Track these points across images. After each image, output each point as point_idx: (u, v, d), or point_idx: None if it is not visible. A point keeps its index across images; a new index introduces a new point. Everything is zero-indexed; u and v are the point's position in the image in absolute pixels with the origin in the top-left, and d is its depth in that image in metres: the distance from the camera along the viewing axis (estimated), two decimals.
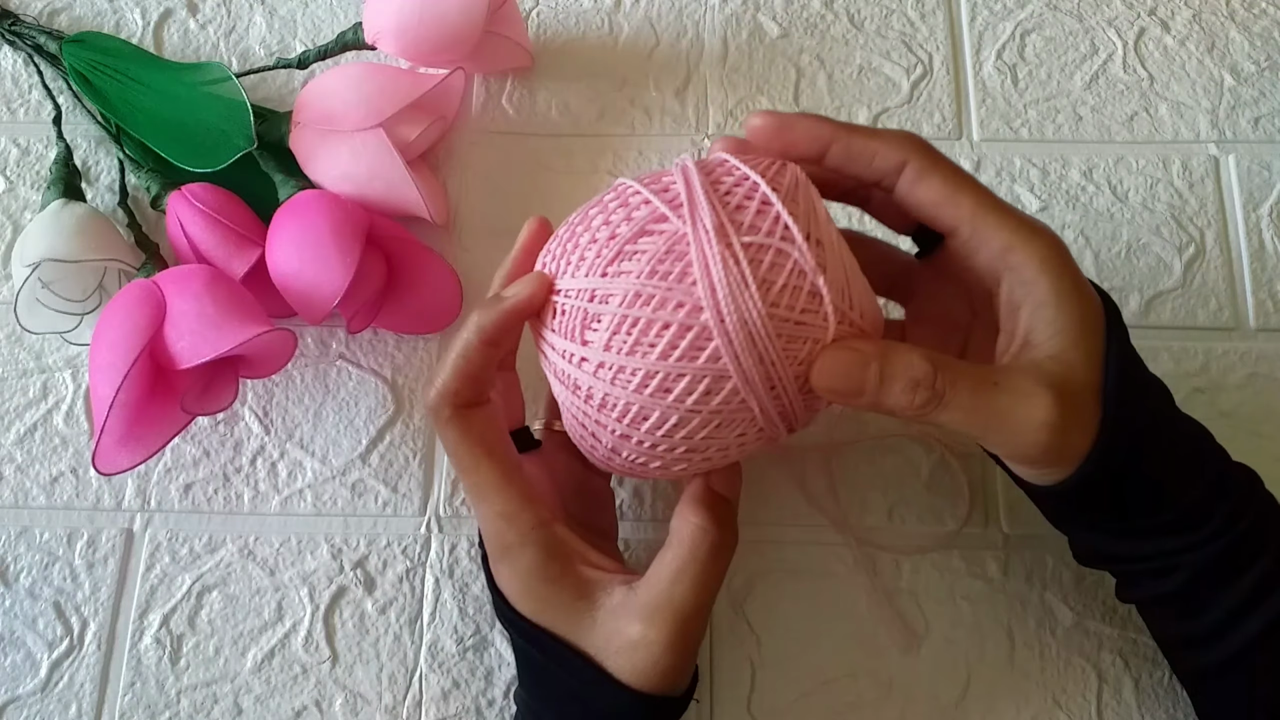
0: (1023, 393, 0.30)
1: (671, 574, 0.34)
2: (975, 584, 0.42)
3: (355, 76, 0.45)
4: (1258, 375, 0.45)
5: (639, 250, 0.31)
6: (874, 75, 0.51)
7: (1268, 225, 0.48)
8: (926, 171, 0.32)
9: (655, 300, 0.30)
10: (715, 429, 0.31)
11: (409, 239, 0.45)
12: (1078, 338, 0.31)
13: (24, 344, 0.46)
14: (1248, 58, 0.51)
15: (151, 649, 0.42)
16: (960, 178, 0.32)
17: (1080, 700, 0.41)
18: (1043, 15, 0.52)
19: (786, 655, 0.42)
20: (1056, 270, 0.31)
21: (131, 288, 0.40)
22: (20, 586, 0.43)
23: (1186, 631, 0.35)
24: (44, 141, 0.50)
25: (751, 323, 0.30)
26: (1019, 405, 0.30)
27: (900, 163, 0.32)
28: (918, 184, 0.32)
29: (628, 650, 0.34)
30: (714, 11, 0.52)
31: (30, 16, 0.51)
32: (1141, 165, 0.49)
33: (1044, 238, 0.32)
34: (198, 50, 0.51)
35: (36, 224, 0.43)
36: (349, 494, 0.44)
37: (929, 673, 0.41)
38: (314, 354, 0.46)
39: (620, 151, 0.49)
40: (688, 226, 0.30)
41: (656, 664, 0.34)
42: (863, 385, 0.30)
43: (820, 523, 0.43)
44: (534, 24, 0.52)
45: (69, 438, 0.45)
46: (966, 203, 0.32)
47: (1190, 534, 0.33)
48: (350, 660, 0.42)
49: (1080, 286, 0.32)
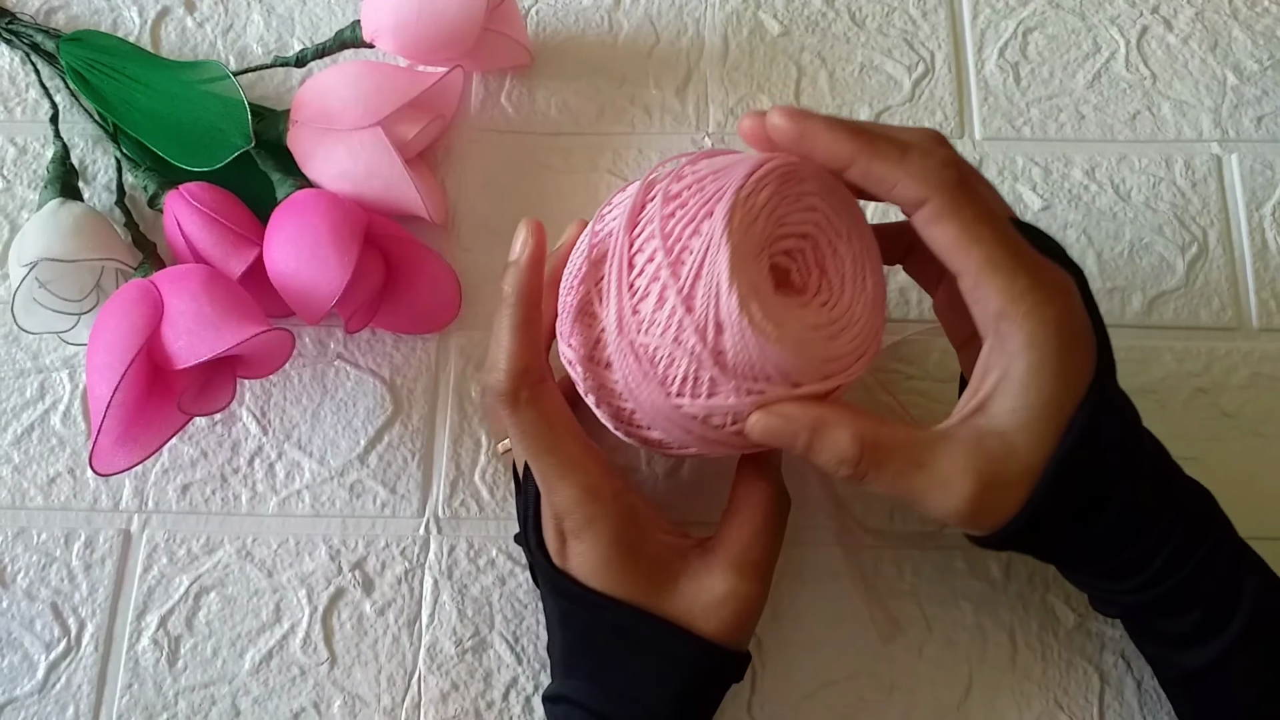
0: (944, 478, 0.32)
1: (751, 533, 0.37)
2: (977, 585, 0.42)
3: (353, 75, 0.45)
4: (1260, 375, 0.45)
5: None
6: (875, 73, 0.50)
7: (1270, 225, 0.47)
8: (944, 216, 0.31)
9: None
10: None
11: (407, 238, 0.44)
12: (1032, 421, 0.31)
13: (21, 344, 0.46)
14: (1250, 56, 0.51)
15: (149, 650, 0.42)
16: (977, 229, 0.31)
17: (1082, 702, 0.41)
18: (1045, 13, 0.52)
19: (788, 657, 0.41)
20: (1040, 351, 0.31)
21: (129, 287, 0.40)
22: (17, 587, 0.43)
23: (1163, 642, 0.36)
24: (41, 140, 0.49)
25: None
26: (937, 491, 0.32)
27: (920, 200, 0.31)
28: (932, 225, 0.31)
29: (715, 606, 0.35)
30: (714, 9, 0.52)
31: (27, 14, 0.51)
32: (1144, 164, 0.49)
33: (1041, 313, 0.31)
34: (195, 48, 0.51)
35: (33, 223, 0.43)
36: (347, 495, 0.44)
37: (931, 674, 0.41)
38: (312, 354, 0.46)
39: (620, 150, 0.49)
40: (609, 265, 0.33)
41: (749, 615, 0.36)
42: (793, 447, 0.32)
43: (821, 524, 0.43)
44: (533, 21, 0.52)
45: (66, 438, 0.45)
46: (976, 256, 0.31)
47: (1127, 581, 0.34)
48: (349, 662, 0.42)
49: (1060, 369, 0.31)
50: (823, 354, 0.32)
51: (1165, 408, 0.45)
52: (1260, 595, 0.33)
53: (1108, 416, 0.32)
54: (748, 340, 0.31)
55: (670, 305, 0.31)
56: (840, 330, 0.33)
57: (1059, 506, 0.32)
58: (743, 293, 0.31)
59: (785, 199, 0.32)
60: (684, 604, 0.36)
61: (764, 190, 0.32)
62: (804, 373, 0.32)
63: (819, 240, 0.33)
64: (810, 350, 0.32)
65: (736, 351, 0.31)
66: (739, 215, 0.31)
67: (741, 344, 0.31)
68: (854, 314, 0.33)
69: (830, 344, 0.32)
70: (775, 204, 0.32)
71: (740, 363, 0.31)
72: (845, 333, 0.33)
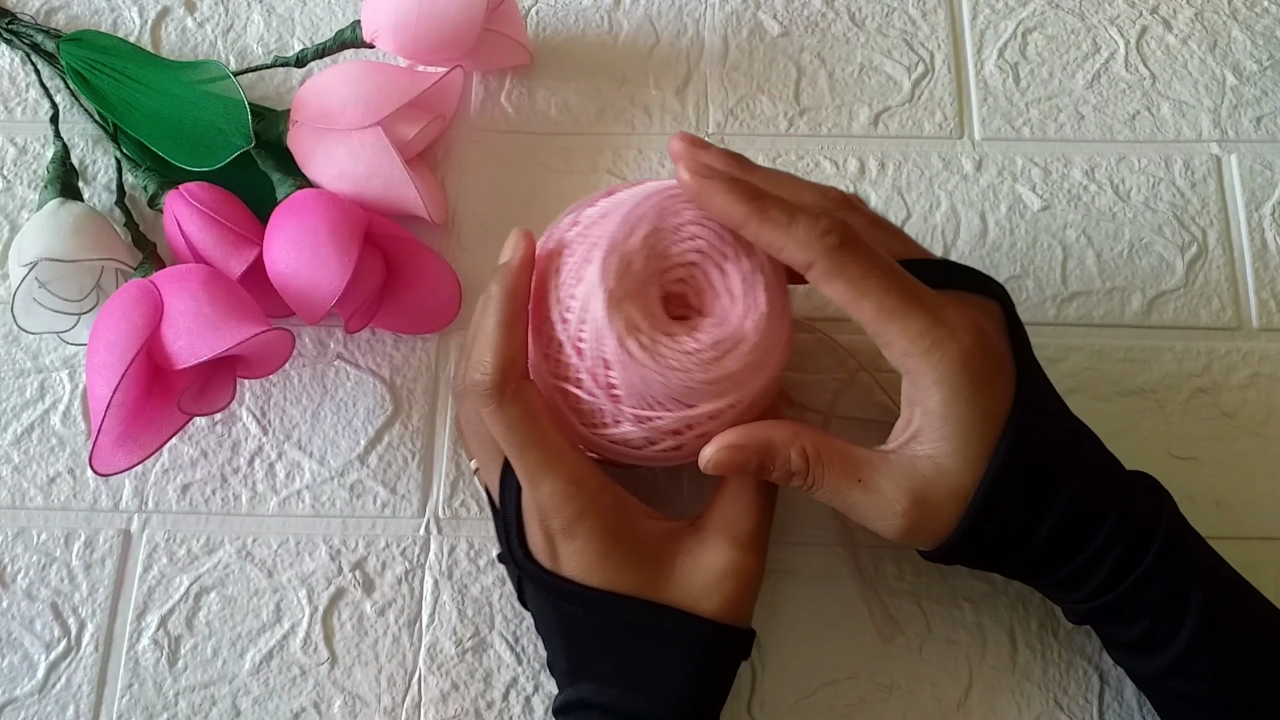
0: (881, 495, 0.34)
1: (741, 506, 0.37)
2: (977, 585, 0.42)
3: (353, 75, 0.45)
4: (1260, 375, 0.45)
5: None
6: (875, 74, 0.50)
7: (1270, 225, 0.47)
8: (830, 276, 0.33)
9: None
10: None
11: (407, 238, 0.44)
12: (959, 447, 0.33)
13: (21, 344, 0.46)
14: (1250, 56, 0.51)
15: (149, 650, 0.42)
16: (863, 284, 0.33)
17: (1082, 702, 0.41)
18: (1044, 13, 0.52)
19: (787, 657, 0.41)
20: (951, 385, 0.33)
21: (129, 287, 0.40)
22: (17, 587, 0.43)
23: (1121, 649, 0.37)
24: (41, 140, 0.49)
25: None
26: (875, 506, 0.34)
27: (806, 264, 0.33)
28: (823, 284, 0.33)
29: (715, 583, 0.36)
30: (714, 9, 0.52)
31: (27, 15, 0.51)
32: (1144, 164, 0.49)
33: (943, 350, 0.33)
34: (195, 48, 0.51)
35: (33, 223, 0.43)
36: (347, 495, 0.44)
37: (931, 674, 0.41)
38: (312, 354, 0.46)
39: (620, 150, 0.49)
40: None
41: (748, 588, 0.37)
42: (746, 471, 0.35)
43: (821, 524, 0.43)
44: (533, 21, 0.52)
45: (66, 438, 0.45)
46: (868, 308, 0.33)
47: (1075, 592, 0.35)
48: (349, 662, 0.42)
49: (974, 398, 0.33)
50: (710, 375, 0.34)
51: (1165, 408, 0.45)
52: (1208, 604, 0.34)
53: (1034, 434, 0.34)
54: (630, 373, 0.34)
55: (567, 349, 0.35)
56: (731, 348, 0.34)
57: (995, 523, 0.34)
58: (619, 331, 0.33)
59: (664, 233, 0.35)
60: (684, 585, 0.36)
61: (639, 231, 0.34)
62: (694, 395, 0.34)
63: (705, 265, 0.35)
64: (697, 373, 0.34)
65: (625, 385, 0.34)
66: (615, 260, 0.34)
67: (626, 377, 0.34)
68: (744, 330, 0.34)
69: (719, 364, 0.34)
70: (654, 241, 0.34)
71: (630, 395, 0.34)
72: (736, 350, 0.34)
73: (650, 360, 0.34)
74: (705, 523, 0.37)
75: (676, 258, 0.35)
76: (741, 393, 0.35)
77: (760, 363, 0.35)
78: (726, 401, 0.34)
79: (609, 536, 0.36)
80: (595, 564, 0.36)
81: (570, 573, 0.36)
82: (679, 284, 0.35)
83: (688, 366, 0.34)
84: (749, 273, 0.35)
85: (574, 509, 0.35)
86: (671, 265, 0.35)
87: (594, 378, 0.35)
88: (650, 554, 0.36)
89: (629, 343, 0.34)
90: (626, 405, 0.35)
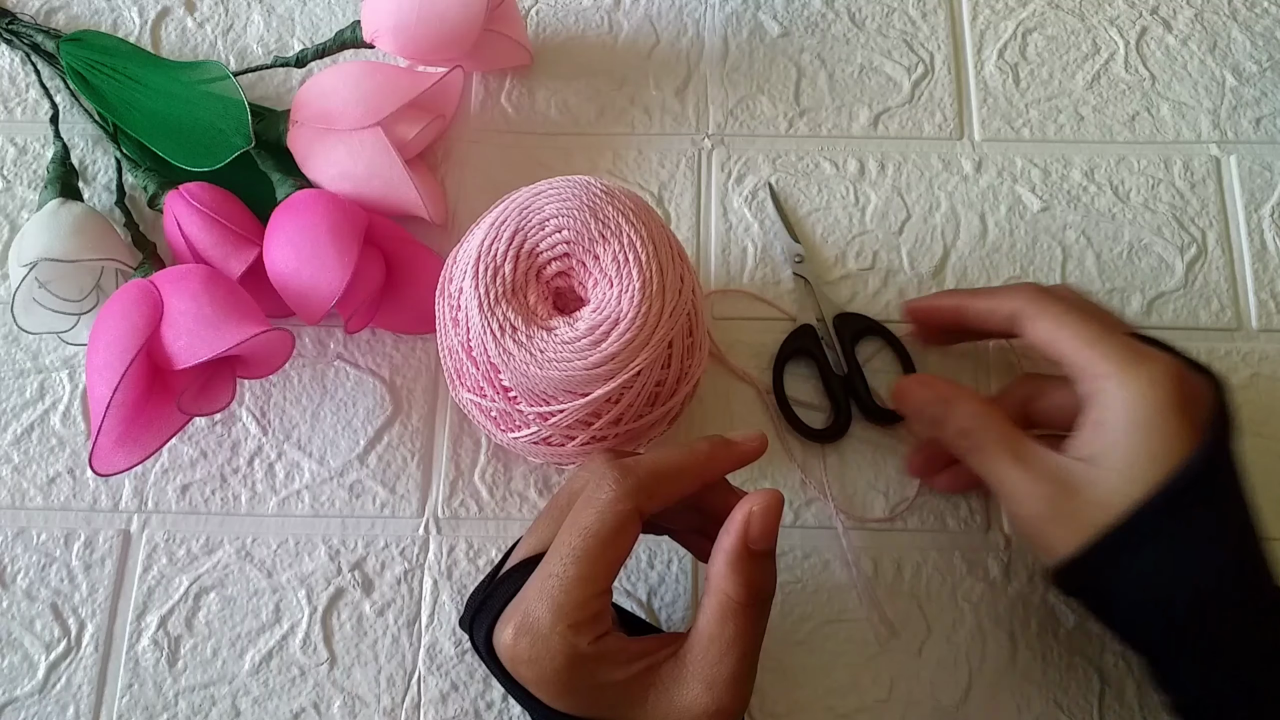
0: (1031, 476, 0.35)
1: (720, 648, 0.32)
2: (977, 586, 0.42)
3: (353, 75, 0.45)
4: (1260, 376, 0.45)
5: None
6: (875, 74, 0.51)
7: (1269, 226, 0.47)
8: (1033, 315, 0.37)
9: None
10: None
11: (407, 238, 0.44)
12: (1128, 462, 0.34)
13: (21, 344, 0.46)
14: (1249, 58, 0.51)
15: (149, 650, 0.42)
16: (1064, 319, 0.36)
17: (1082, 702, 0.41)
18: (1044, 14, 0.52)
19: (787, 658, 0.41)
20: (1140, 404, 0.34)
21: (129, 287, 0.40)
22: (17, 588, 0.43)
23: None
24: (41, 140, 0.49)
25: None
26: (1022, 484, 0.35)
27: (1012, 310, 0.38)
28: (1028, 325, 0.37)
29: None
30: (714, 10, 0.52)
31: (27, 15, 0.51)
32: (1143, 165, 0.49)
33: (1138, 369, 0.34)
34: (195, 49, 0.51)
35: (33, 223, 0.43)
36: (347, 495, 0.44)
37: (930, 675, 0.41)
38: (312, 354, 0.46)
39: (620, 151, 0.49)
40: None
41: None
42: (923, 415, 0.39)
43: (821, 524, 0.43)
44: (533, 22, 0.52)
45: (66, 438, 0.45)
46: (1066, 338, 0.36)
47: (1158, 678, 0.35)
48: (348, 662, 0.42)
49: (1160, 423, 0.33)
50: (590, 360, 0.34)
51: None
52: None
53: (1211, 488, 0.34)
54: (515, 372, 0.35)
55: (465, 361, 0.36)
56: (609, 330, 0.34)
57: (1136, 553, 0.33)
58: (495, 333, 0.34)
59: (528, 232, 0.35)
60: (658, 714, 0.32)
61: (503, 234, 0.35)
62: (581, 382, 0.35)
63: (578, 254, 0.36)
64: (577, 361, 0.34)
65: (516, 385, 0.35)
66: (482, 265, 0.35)
67: (513, 377, 0.35)
68: (622, 309, 0.34)
69: (597, 348, 0.34)
70: (520, 242, 0.35)
71: (524, 393, 0.36)
72: (614, 331, 0.34)
73: (529, 356, 0.34)
74: (684, 655, 0.33)
75: (547, 252, 0.35)
76: (629, 370, 0.35)
77: (644, 339, 0.34)
78: (619, 383, 0.35)
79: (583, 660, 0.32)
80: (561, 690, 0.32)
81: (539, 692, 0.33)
82: (561, 277, 0.36)
83: (566, 356, 0.34)
84: (619, 252, 0.35)
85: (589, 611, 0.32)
86: (546, 261, 0.36)
87: (490, 383, 0.36)
88: (621, 687, 0.33)
89: (506, 343, 0.34)
90: (525, 405, 0.36)
